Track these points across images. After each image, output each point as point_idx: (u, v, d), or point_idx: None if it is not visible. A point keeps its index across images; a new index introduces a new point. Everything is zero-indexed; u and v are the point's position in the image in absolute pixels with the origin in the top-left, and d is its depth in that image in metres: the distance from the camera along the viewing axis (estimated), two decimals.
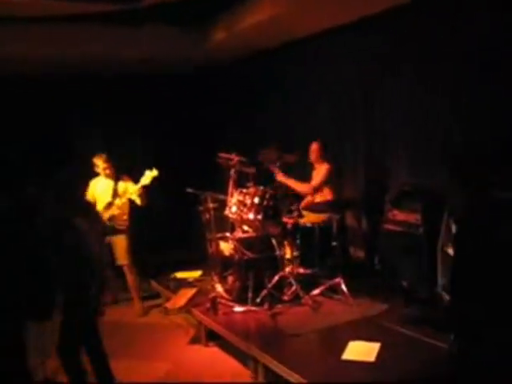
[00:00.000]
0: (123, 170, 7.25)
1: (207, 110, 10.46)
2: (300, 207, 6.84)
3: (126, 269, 7.22)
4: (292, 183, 6.90)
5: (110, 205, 7.08)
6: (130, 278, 7.26)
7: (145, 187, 6.98)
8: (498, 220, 4.54)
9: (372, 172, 7.32)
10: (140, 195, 7.01)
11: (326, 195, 6.87)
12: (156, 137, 10.22)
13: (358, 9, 6.61)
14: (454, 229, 4.87)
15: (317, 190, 6.86)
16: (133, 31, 7.78)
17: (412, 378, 4.30)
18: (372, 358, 4.63)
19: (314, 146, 7.00)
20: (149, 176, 6.91)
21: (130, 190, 6.98)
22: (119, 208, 7.07)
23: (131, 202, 7.12)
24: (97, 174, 7.29)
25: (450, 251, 4.87)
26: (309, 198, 7.07)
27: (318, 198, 6.95)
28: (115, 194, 7.08)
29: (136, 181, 6.99)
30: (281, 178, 6.78)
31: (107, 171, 7.16)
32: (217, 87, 10.30)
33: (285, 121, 8.69)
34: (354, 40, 7.22)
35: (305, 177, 7.21)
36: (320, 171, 6.93)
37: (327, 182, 6.85)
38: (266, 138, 8.79)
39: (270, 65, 8.85)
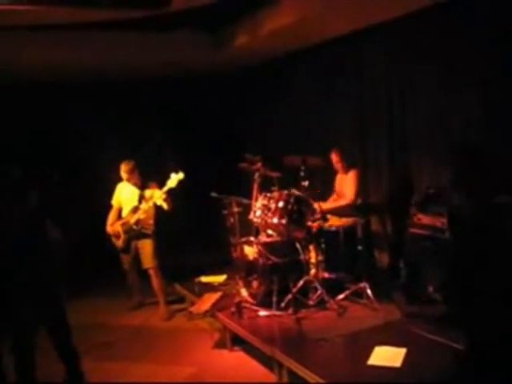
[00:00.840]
0: (147, 174, 7.29)
1: (230, 115, 10.50)
2: (323, 210, 6.82)
3: (151, 272, 7.25)
4: (333, 206, 6.90)
5: (136, 209, 7.12)
6: (156, 281, 7.28)
7: (170, 191, 7.01)
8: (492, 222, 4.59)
9: (396, 176, 7.28)
10: (166, 199, 7.03)
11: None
12: (180, 141, 10.28)
13: (378, 13, 6.59)
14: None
15: (355, 199, 6.84)
16: (156, 36, 7.84)
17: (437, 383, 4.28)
18: (398, 363, 4.60)
19: (335, 157, 6.99)
20: (175, 179, 6.93)
21: (157, 194, 7.00)
22: (145, 212, 7.10)
23: (157, 206, 7.15)
24: (119, 180, 7.36)
25: None
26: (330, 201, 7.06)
27: (343, 201, 6.94)
28: (141, 199, 7.12)
29: (161, 185, 7.02)
30: (325, 207, 6.74)
31: (131, 181, 7.21)
32: (239, 92, 10.32)
33: (307, 125, 8.68)
34: (375, 43, 7.22)
35: (328, 180, 7.22)
36: (349, 179, 6.91)
37: (359, 187, 6.85)
38: (287, 142, 8.82)
39: (292, 69, 8.86)
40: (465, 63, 6.04)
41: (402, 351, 4.80)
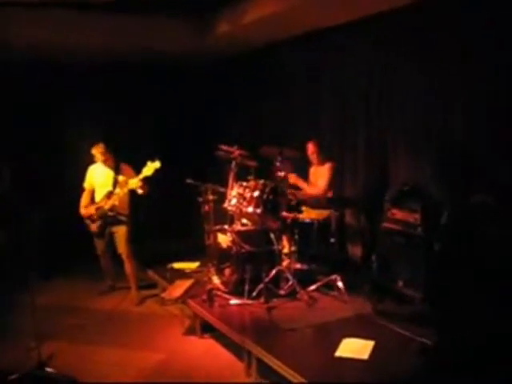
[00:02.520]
0: (124, 159, 7.26)
1: (209, 103, 10.47)
2: (296, 198, 6.87)
3: (124, 258, 7.24)
4: (304, 186, 6.95)
5: (110, 194, 7.09)
6: (128, 266, 7.28)
7: (146, 178, 6.98)
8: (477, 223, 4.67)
9: (372, 170, 7.33)
10: (141, 185, 7.00)
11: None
12: (158, 128, 10.22)
13: (362, 7, 6.61)
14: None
15: (327, 190, 6.90)
16: (136, 21, 7.77)
17: (404, 377, 4.32)
18: (366, 355, 4.65)
19: (312, 148, 7.04)
20: (151, 167, 6.88)
21: (132, 182, 6.96)
22: (120, 198, 7.07)
23: (132, 192, 7.12)
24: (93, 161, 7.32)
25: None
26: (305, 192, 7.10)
27: (314, 191, 6.99)
28: (116, 184, 7.08)
29: (137, 170, 6.99)
30: (294, 179, 6.81)
31: (107, 162, 7.18)
32: (221, 80, 10.29)
33: (286, 116, 8.69)
34: (357, 37, 7.22)
35: (302, 173, 7.25)
36: (324, 171, 6.97)
37: (333, 179, 6.90)
38: (267, 133, 8.83)
39: (272, 60, 8.85)
40: (447, 60, 6.08)
41: (370, 344, 4.85)
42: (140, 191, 7.03)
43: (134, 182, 6.93)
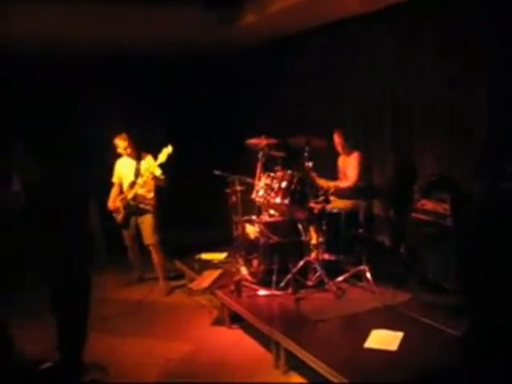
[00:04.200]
0: (149, 151, 7.28)
1: (237, 94, 10.44)
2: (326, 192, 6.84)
3: (152, 248, 7.28)
4: (333, 184, 6.89)
5: (133, 184, 7.14)
6: (156, 257, 7.31)
7: (164, 167, 7.03)
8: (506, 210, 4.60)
9: (400, 161, 7.25)
10: (158, 175, 7.07)
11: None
12: (184, 119, 10.22)
13: None
14: None
15: (359, 180, 6.85)
16: (161, 11, 7.75)
17: (433, 368, 4.28)
18: (394, 347, 4.61)
19: (337, 139, 6.99)
20: (165, 153, 6.93)
21: (150, 167, 7.00)
22: (142, 187, 7.12)
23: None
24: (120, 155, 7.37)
25: None
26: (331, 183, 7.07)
27: (346, 184, 6.94)
28: (137, 173, 7.12)
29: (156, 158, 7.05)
30: (322, 182, 6.75)
31: (128, 150, 7.22)
32: (246, 70, 10.25)
33: (311, 106, 8.64)
34: (383, 25, 7.15)
35: (331, 162, 7.21)
36: (352, 161, 6.93)
37: (362, 168, 6.86)
38: (293, 123, 8.79)
39: (298, 49, 8.79)
40: (472, 47, 5.99)
41: (399, 335, 4.81)
42: (157, 182, 7.06)
43: (152, 167, 6.95)
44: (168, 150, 6.92)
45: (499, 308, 4.52)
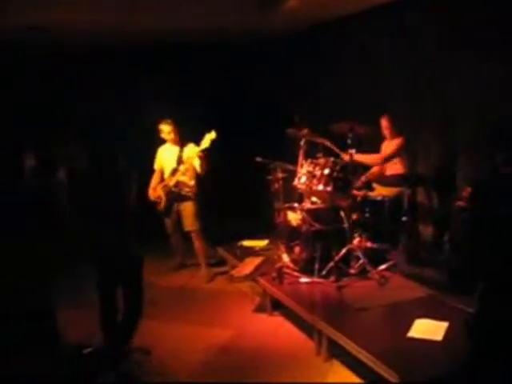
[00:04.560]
0: (190, 137, 7.29)
1: (277, 80, 10.37)
2: (367, 178, 6.77)
3: (193, 235, 7.31)
4: (362, 157, 6.79)
5: (175, 171, 7.17)
6: (198, 244, 7.34)
7: (206, 153, 7.04)
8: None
9: (443, 148, 7.11)
10: (201, 161, 7.07)
11: (397, 169, 6.77)
12: (225, 106, 10.19)
13: None
14: None
15: (387, 160, 6.74)
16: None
17: (479, 360, 4.20)
18: (439, 337, 4.54)
19: (385, 123, 6.88)
20: (208, 138, 6.94)
21: (192, 154, 7.03)
22: (184, 174, 7.14)
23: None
24: (162, 142, 7.39)
25: None
26: (376, 169, 6.96)
27: (389, 171, 6.84)
28: (180, 160, 7.14)
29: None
30: (356, 157, 6.66)
31: (171, 135, 7.24)
32: (286, 56, 10.15)
33: (355, 93, 8.51)
34: (431, 12, 6.98)
35: (375, 149, 7.11)
36: (391, 144, 6.82)
37: (398, 154, 6.73)
38: (336, 109, 8.68)
39: (340, 35, 8.66)
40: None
41: (444, 325, 4.73)
42: (198, 169, 7.07)
43: (194, 153, 6.97)
44: (211, 135, 6.93)
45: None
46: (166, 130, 7.24)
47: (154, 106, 8.60)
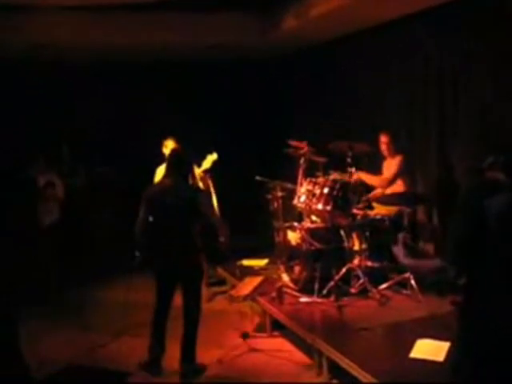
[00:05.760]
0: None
1: (277, 99, 10.40)
2: (370, 199, 6.76)
3: None
4: (366, 177, 6.79)
5: None
6: None
7: (207, 172, 7.08)
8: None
9: (445, 166, 7.11)
10: (202, 179, 7.05)
11: (397, 187, 6.74)
12: (224, 124, 10.19)
13: None
14: None
15: (391, 182, 6.73)
16: (203, 18, 7.76)
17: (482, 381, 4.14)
18: (441, 357, 4.49)
19: (384, 139, 6.87)
20: (209, 160, 6.99)
21: (195, 174, 7.02)
22: None
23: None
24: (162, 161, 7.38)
25: None
26: (379, 190, 6.95)
27: (389, 190, 6.82)
28: None
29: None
30: (359, 175, 6.66)
31: None
32: (286, 75, 10.20)
33: (354, 111, 8.53)
34: (426, 28, 7.01)
35: (375, 168, 7.09)
36: (392, 163, 6.81)
37: (400, 173, 6.72)
38: (334, 128, 8.69)
39: (339, 54, 8.71)
40: None
41: (446, 345, 4.68)
42: (201, 185, 7.06)
43: (196, 174, 6.98)
44: (213, 156, 6.98)
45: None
46: (170, 145, 7.21)
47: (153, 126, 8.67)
